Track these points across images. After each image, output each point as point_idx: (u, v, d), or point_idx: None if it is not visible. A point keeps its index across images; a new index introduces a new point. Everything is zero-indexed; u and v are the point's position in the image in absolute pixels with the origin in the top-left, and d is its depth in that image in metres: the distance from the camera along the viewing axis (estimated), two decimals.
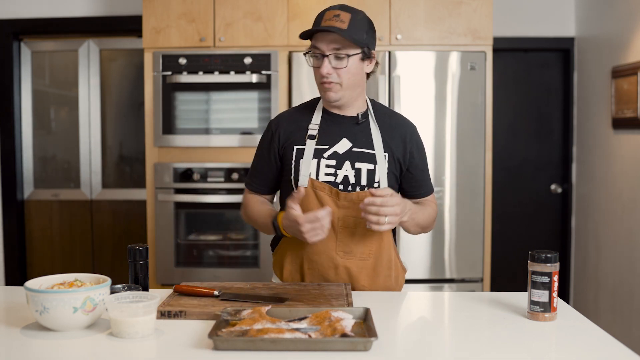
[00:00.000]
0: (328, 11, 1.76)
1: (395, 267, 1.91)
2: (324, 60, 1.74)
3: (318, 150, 1.82)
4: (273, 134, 1.89)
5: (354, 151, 1.82)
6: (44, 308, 1.37)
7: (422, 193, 1.93)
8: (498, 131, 4.06)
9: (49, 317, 1.38)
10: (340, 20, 1.73)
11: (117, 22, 4.00)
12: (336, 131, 1.84)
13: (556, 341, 1.40)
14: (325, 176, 1.80)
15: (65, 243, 4.23)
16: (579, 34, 4.01)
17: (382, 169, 1.81)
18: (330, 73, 1.74)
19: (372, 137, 1.84)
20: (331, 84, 1.76)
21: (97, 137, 4.18)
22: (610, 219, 3.58)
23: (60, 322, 1.39)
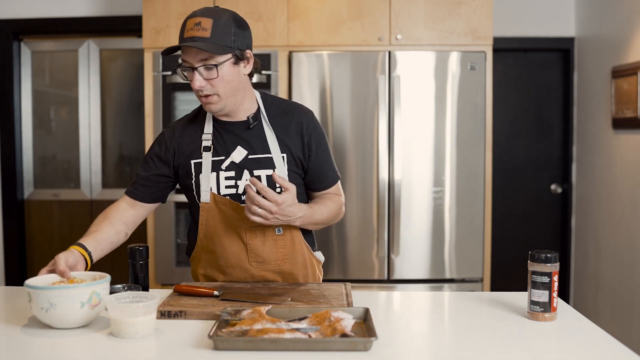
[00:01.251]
0: (189, 19, 1.66)
1: (311, 265, 1.88)
2: (194, 73, 1.66)
3: (215, 163, 1.77)
4: (167, 147, 1.81)
5: (250, 158, 1.77)
6: (50, 305, 1.38)
7: (324, 186, 1.86)
8: (498, 131, 4.06)
9: (55, 314, 1.38)
10: (202, 29, 1.63)
11: (117, 22, 4.00)
12: (230, 139, 1.78)
13: (556, 341, 1.40)
14: (227, 189, 1.76)
15: (65, 243, 4.22)
16: (579, 34, 4.01)
17: (282, 172, 1.77)
18: (203, 86, 1.66)
19: (267, 139, 1.78)
20: (208, 96, 1.68)
21: (97, 137, 4.18)
22: (610, 219, 3.58)
23: (68, 317, 1.39)
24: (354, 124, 3.30)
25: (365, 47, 3.32)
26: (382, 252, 3.31)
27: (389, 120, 3.29)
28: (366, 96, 3.29)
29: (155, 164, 1.83)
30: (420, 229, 3.33)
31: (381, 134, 3.27)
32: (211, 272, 1.85)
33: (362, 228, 3.32)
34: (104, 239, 1.77)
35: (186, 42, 1.63)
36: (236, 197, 1.77)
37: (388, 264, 3.32)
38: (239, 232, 1.77)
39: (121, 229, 1.82)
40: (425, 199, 3.32)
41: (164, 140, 1.83)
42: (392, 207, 3.28)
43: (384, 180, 3.29)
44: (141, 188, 1.84)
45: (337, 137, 3.30)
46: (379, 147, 3.28)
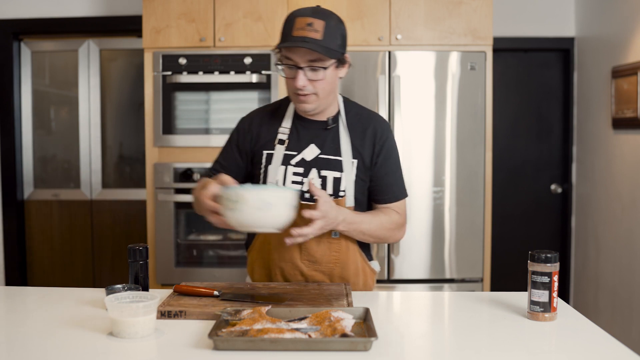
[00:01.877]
0: (299, 18, 1.65)
1: (363, 273, 1.88)
2: (299, 72, 1.67)
3: (286, 157, 1.79)
4: (245, 133, 1.86)
5: (321, 158, 1.79)
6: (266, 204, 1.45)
7: (385, 199, 1.84)
8: (498, 131, 4.06)
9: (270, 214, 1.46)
10: (314, 30, 1.63)
11: (117, 22, 4.00)
12: (305, 137, 1.80)
13: (556, 341, 1.40)
14: (292, 184, 1.78)
15: (65, 243, 4.23)
16: (579, 34, 4.01)
17: (349, 177, 1.78)
18: (305, 85, 1.68)
19: (341, 143, 1.80)
20: (307, 95, 1.71)
21: (97, 137, 4.18)
22: (610, 219, 3.58)
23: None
24: None
25: (365, 47, 3.32)
26: (382, 252, 3.31)
27: (389, 120, 3.29)
28: (366, 96, 3.29)
29: (234, 152, 1.87)
30: (420, 229, 3.33)
31: None
32: (265, 265, 1.86)
33: None
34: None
35: (297, 41, 1.63)
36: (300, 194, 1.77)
37: (388, 263, 3.32)
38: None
39: None
40: (425, 199, 3.32)
41: (242, 129, 1.87)
42: None
43: None
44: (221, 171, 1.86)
45: None
46: None
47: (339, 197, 1.78)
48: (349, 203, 1.80)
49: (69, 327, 1.46)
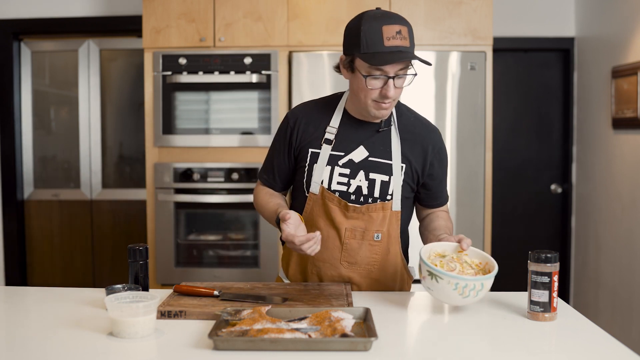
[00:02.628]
0: (386, 26, 1.60)
1: (401, 277, 1.89)
2: (389, 82, 1.63)
3: (333, 157, 1.77)
4: (292, 130, 1.82)
5: (369, 161, 1.76)
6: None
7: (437, 204, 1.90)
8: (498, 131, 4.06)
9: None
10: (403, 37, 1.61)
11: (117, 22, 4.00)
12: (354, 138, 1.77)
13: (556, 341, 1.40)
14: (338, 185, 1.76)
15: (65, 243, 4.23)
16: (579, 34, 4.01)
17: (397, 181, 1.77)
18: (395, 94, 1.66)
19: (392, 146, 1.77)
20: (390, 103, 1.68)
21: (97, 137, 4.18)
22: (610, 219, 3.58)
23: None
24: None
25: None
26: None
27: None
28: None
29: (284, 153, 1.84)
30: None
31: None
32: (302, 263, 1.85)
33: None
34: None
35: (394, 52, 1.59)
36: (345, 196, 1.76)
37: None
38: (338, 230, 1.77)
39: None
40: None
41: (289, 126, 1.83)
42: None
43: None
44: (272, 177, 1.89)
45: None
46: None
47: (386, 200, 1.77)
48: (396, 207, 1.79)
49: (69, 327, 1.46)
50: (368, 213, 1.75)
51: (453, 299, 1.48)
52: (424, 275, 1.50)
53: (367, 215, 1.76)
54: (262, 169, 1.92)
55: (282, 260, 1.94)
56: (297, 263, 1.87)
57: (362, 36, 1.62)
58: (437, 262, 1.54)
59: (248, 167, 3.36)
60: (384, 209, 1.77)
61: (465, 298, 1.47)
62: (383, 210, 1.77)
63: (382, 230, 1.78)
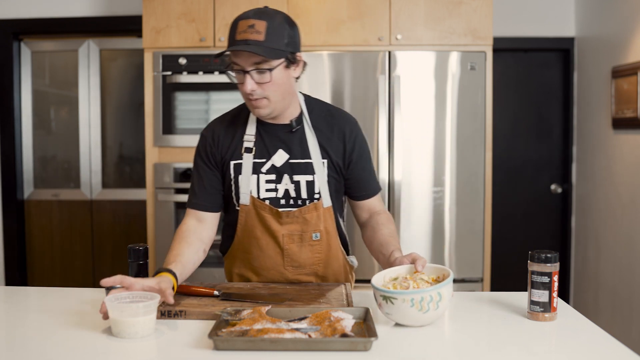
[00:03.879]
0: (241, 21, 1.61)
1: (344, 270, 1.89)
2: (246, 76, 1.62)
3: (256, 165, 1.75)
4: (211, 146, 1.79)
5: (291, 163, 1.75)
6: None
7: (365, 195, 1.85)
8: (498, 131, 4.06)
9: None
10: (256, 32, 1.59)
11: (117, 22, 4.00)
12: (271, 142, 1.76)
13: (556, 341, 1.40)
14: (267, 192, 1.75)
15: (65, 243, 4.23)
16: (579, 34, 4.01)
17: (322, 178, 1.76)
18: (254, 89, 1.63)
19: (309, 144, 1.76)
20: (257, 100, 1.65)
21: (97, 137, 4.18)
22: (610, 219, 3.58)
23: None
24: None
25: (365, 47, 3.32)
26: None
27: (389, 120, 3.29)
28: (366, 96, 3.29)
29: (209, 172, 1.79)
30: (420, 229, 3.32)
31: (381, 133, 3.27)
32: (245, 272, 1.84)
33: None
34: (188, 262, 1.69)
35: (239, 44, 1.59)
36: (275, 201, 1.75)
37: None
38: (275, 237, 1.76)
39: (199, 246, 1.76)
40: (425, 199, 3.32)
41: (206, 143, 1.80)
42: (392, 207, 3.28)
43: (384, 180, 3.29)
44: (205, 198, 1.79)
45: None
46: (379, 147, 3.28)
47: (314, 200, 1.76)
48: (327, 204, 1.78)
49: (69, 327, 1.46)
50: (302, 216, 1.75)
51: (413, 317, 1.41)
52: (380, 303, 1.44)
53: (301, 218, 1.75)
54: (190, 195, 1.81)
55: (226, 271, 1.92)
56: (240, 275, 1.86)
57: (228, 34, 1.66)
58: (390, 285, 1.48)
59: None
60: (316, 209, 1.76)
61: (425, 313, 1.40)
62: (316, 210, 1.76)
63: (319, 229, 1.77)
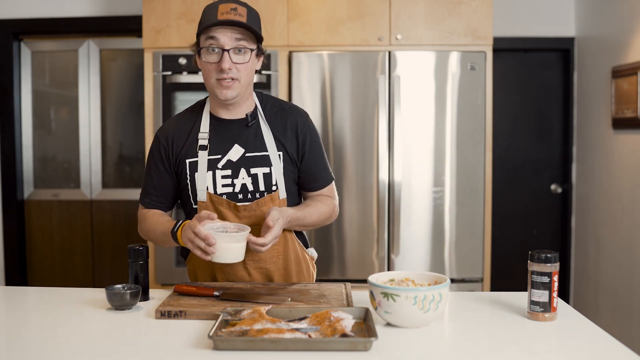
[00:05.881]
0: (222, 4, 1.69)
1: (304, 261, 1.90)
2: (225, 54, 1.67)
3: (211, 161, 1.77)
4: (165, 148, 1.81)
5: (247, 156, 1.78)
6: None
7: (317, 186, 1.88)
8: (498, 131, 4.06)
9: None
10: (239, 14, 1.68)
11: (117, 22, 4.00)
12: (227, 138, 1.78)
13: (556, 341, 1.40)
14: (223, 187, 1.77)
15: (65, 243, 4.23)
16: (579, 34, 4.01)
17: (278, 170, 1.79)
18: (231, 68, 1.68)
19: (264, 138, 1.79)
20: (230, 81, 1.70)
21: (97, 137, 4.18)
22: (610, 219, 3.58)
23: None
24: (354, 124, 3.30)
25: (365, 47, 3.32)
26: (382, 252, 3.31)
27: (389, 120, 3.29)
28: (366, 96, 3.29)
29: (161, 172, 1.83)
30: (420, 229, 3.32)
31: (381, 133, 3.27)
32: (209, 271, 1.85)
33: (362, 228, 3.31)
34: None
35: (225, 21, 1.65)
36: (233, 196, 1.78)
37: (388, 264, 3.32)
38: None
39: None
40: (425, 199, 3.32)
41: (160, 145, 1.83)
42: (392, 207, 3.28)
43: (384, 180, 3.29)
44: (156, 198, 1.87)
45: (337, 137, 3.30)
46: (379, 147, 3.28)
47: (272, 191, 1.78)
48: (282, 195, 1.80)
49: (69, 327, 1.46)
50: (259, 208, 1.76)
51: (414, 316, 1.41)
52: (379, 300, 1.43)
53: (258, 211, 1.76)
54: (142, 193, 1.89)
55: (189, 273, 1.92)
56: (205, 273, 1.86)
57: (202, 16, 1.71)
58: (389, 284, 1.48)
59: None
60: (272, 201, 1.78)
61: (426, 313, 1.40)
62: (272, 201, 1.78)
63: None
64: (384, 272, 1.59)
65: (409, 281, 1.54)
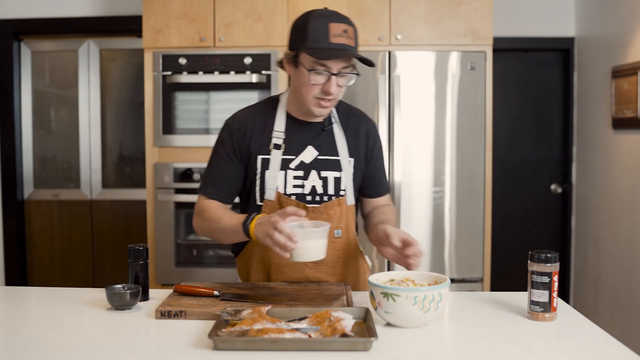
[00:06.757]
0: (332, 24, 1.64)
1: (362, 269, 1.92)
2: (332, 78, 1.65)
3: (284, 161, 1.76)
4: (238, 138, 1.78)
5: (319, 159, 1.78)
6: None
7: (377, 193, 1.90)
8: (498, 131, 4.06)
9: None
10: (349, 37, 1.65)
11: (117, 22, 4.00)
12: (302, 139, 1.78)
13: (556, 341, 1.40)
14: (293, 188, 1.76)
15: (65, 243, 4.23)
16: (579, 34, 4.01)
17: (348, 176, 1.79)
18: (336, 92, 1.67)
19: (337, 143, 1.80)
20: (331, 101, 1.69)
21: (97, 137, 4.18)
22: (610, 219, 3.58)
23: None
24: None
25: (365, 47, 3.32)
26: None
27: (389, 120, 3.29)
28: (366, 96, 3.29)
29: (230, 161, 1.78)
30: (420, 229, 3.32)
31: (381, 134, 3.26)
32: (264, 270, 1.84)
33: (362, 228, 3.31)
34: None
35: (338, 49, 1.63)
36: (301, 197, 1.77)
37: (388, 264, 3.32)
38: None
39: None
40: (425, 199, 3.32)
41: (233, 134, 1.78)
42: None
43: None
44: (222, 188, 1.80)
45: None
46: None
47: (339, 196, 1.79)
48: (350, 202, 1.81)
49: (69, 327, 1.46)
50: (326, 211, 1.76)
51: (414, 316, 1.40)
52: (379, 300, 1.43)
53: (325, 214, 1.76)
54: (206, 183, 1.81)
55: (240, 270, 1.91)
56: (260, 271, 1.84)
57: (309, 31, 1.64)
58: (389, 284, 1.48)
59: None
60: (340, 205, 1.78)
61: (426, 313, 1.40)
62: (339, 206, 1.78)
63: (341, 226, 1.80)
64: (384, 272, 1.59)
65: (409, 281, 1.54)
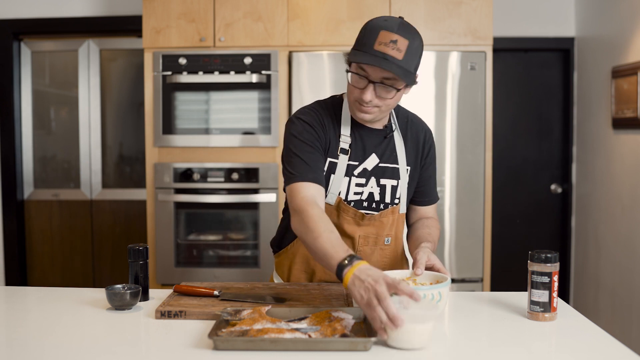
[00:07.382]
0: (384, 31, 1.54)
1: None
2: (369, 86, 1.58)
3: (349, 167, 1.73)
4: (319, 131, 1.70)
5: (380, 167, 1.75)
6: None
7: (426, 201, 1.88)
8: (498, 131, 4.06)
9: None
10: (397, 49, 1.53)
11: (117, 22, 4.00)
12: (367, 146, 1.74)
13: (556, 341, 1.40)
14: (354, 195, 1.74)
15: (65, 243, 4.23)
16: (579, 34, 4.01)
17: (404, 184, 1.78)
18: (372, 100, 1.59)
19: (397, 150, 1.77)
20: (369, 107, 1.62)
21: (97, 137, 4.18)
22: (610, 219, 3.58)
23: None
24: None
25: None
26: None
27: None
28: None
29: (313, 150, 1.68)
30: None
31: None
32: (308, 268, 1.83)
33: None
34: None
35: (377, 57, 1.53)
36: (358, 203, 1.75)
37: None
38: (352, 238, 1.75)
39: None
40: None
41: (314, 125, 1.70)
42: None
43: None
44: (320, 172, 1.67)
45: None
46: None
47: (394, 204, 1.77)
48: (402, 210, 1.80)
49: (69, 327, 1.46)
50: (380, 219, 1.76)
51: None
52: None
53: (378, 222, 1.76)
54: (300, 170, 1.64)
55: (279, 266, 1.89)
56: (300, 270, 1.84)
57: (363, 34, 1.60)
58: None
59: (248, 167, 3.36)
60: (393, 213, 1.77)
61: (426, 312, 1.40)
62: (392, 214, 1.77)
63: (391, 234, 1.80)
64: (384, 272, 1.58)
65: (410, 280, 1.54)
